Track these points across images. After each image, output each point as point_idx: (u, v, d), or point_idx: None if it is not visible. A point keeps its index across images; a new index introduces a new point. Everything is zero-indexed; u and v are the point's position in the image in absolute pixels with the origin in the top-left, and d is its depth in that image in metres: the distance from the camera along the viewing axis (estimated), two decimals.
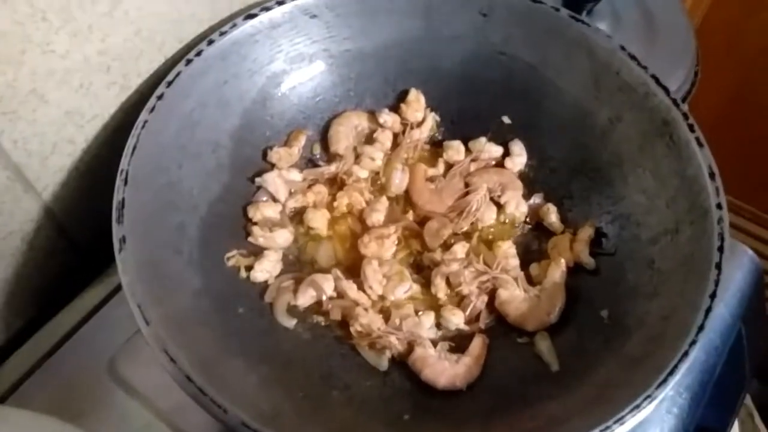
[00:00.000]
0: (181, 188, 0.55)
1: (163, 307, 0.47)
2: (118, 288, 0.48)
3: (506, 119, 0.67)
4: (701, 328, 0.47)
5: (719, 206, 0.52)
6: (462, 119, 0.68)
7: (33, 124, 0.51)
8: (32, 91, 0.49)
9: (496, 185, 0.64)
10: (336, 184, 0.65)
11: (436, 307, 0.59)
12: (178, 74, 0.55)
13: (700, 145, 0.54)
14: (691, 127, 0.55)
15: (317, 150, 0.67)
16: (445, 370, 0.54)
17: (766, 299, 0.72)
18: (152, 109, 0.53)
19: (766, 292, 0.72)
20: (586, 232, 0.60)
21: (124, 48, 0.54)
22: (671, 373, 0.45)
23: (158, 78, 0.56)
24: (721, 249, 0.50)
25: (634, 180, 0.59)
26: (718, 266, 0.49)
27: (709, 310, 0.47)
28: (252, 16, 0.59)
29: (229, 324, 0.53)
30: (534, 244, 0.63)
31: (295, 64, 0.64)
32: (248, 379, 0.49)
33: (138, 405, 0.53)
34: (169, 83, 0.55)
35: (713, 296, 0.48)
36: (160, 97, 0.54)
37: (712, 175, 0.53)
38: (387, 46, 0.65)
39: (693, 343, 0.46)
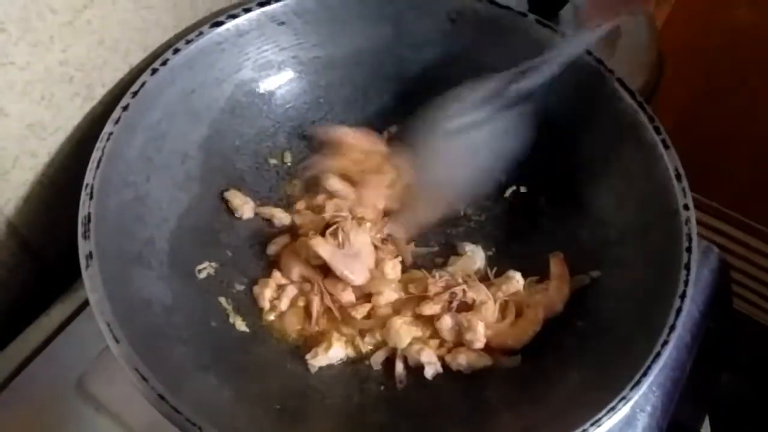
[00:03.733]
0: (150, 201, 0.54)
1: (133, 324, 0.46)
2: (86, 303, 0.47)
3: None
4: (672, 328, 0.47)
5: (686, 207, 0.52)
6: None
7: None
8: None
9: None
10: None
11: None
12: (143, 84, 0.54)
13: (666, 147, 0.55)
14: (657, 130, 0.56)
15: (288, 159, 0.66)
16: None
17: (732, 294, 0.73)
18: (117, 121, 0.52)
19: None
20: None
21: (87, 58, 0.53)
22: (645, 374, 0.45)
23: (123, 88, 0.55)
24: (689, 250, 0.50)
25: (602, 182, 0.60)
26: (687, 267, 0.49)
27: (679, 311, 0.48)
28: (218, 24, 0.59)
29: (202, 338, 0.52)
30: None
31: (263, 72, 0.63)
32: (223, 395, 0.48)
33: (109, 423, 0.52)
34: (135, 93, 0.54)
35: (683, 297, 0.48)
36: (125, 108, 0.53)
37: (678, 177, 0.53)
38: (356, 53, 0.65)
39: (665, 343, 0.47)
